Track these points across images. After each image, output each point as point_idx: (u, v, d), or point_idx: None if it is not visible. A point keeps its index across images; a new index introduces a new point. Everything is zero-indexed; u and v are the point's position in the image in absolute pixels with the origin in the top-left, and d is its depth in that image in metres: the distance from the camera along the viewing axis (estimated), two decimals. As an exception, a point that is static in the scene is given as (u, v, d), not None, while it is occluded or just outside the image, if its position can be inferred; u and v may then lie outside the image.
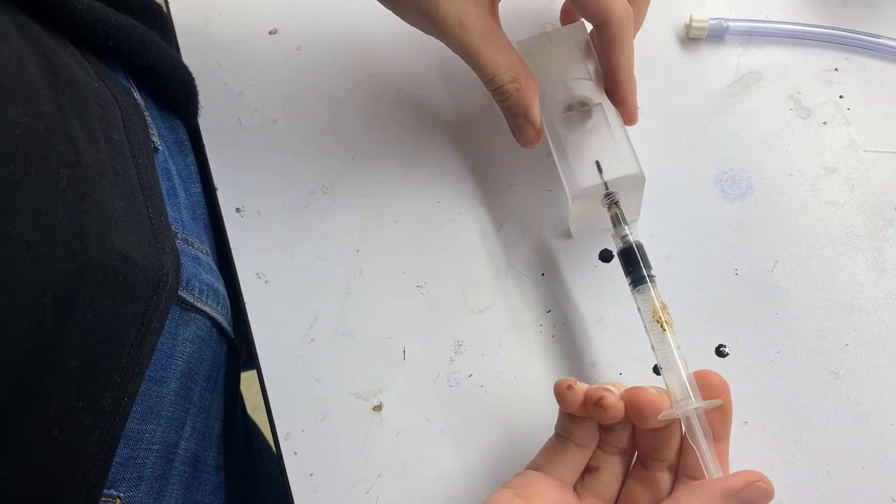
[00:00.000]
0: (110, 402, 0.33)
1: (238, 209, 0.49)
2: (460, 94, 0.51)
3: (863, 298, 0.43)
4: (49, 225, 0.30)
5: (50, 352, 0.30)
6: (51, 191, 0.30)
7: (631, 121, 0.43)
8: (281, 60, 0.53)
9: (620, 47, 0.42)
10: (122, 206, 0.35)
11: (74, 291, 0.30)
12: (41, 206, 0.29)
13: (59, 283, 0.30)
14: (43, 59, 0.34)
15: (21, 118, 0.29)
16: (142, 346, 0.34)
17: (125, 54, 0.43)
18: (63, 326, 0.30)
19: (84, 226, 0.31)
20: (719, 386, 0.36)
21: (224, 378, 0.47)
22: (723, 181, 0.46)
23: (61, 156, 0.31)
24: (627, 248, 0.40)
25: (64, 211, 0.30)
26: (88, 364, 0.31)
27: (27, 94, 0.31)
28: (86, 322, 0.31)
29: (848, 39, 0.48)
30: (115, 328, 0.33)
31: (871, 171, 0.46)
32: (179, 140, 0.50)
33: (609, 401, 0.35)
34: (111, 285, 0.32)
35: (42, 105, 0.31)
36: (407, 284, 0.46)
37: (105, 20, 0.41)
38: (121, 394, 0.33)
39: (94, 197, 0.33)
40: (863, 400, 0.41)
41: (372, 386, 0.44)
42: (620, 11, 0.41)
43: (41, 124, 0.31)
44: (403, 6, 0.43)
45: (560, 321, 0.44)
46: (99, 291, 0.32)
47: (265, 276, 0.48)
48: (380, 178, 0.49)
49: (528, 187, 0.48)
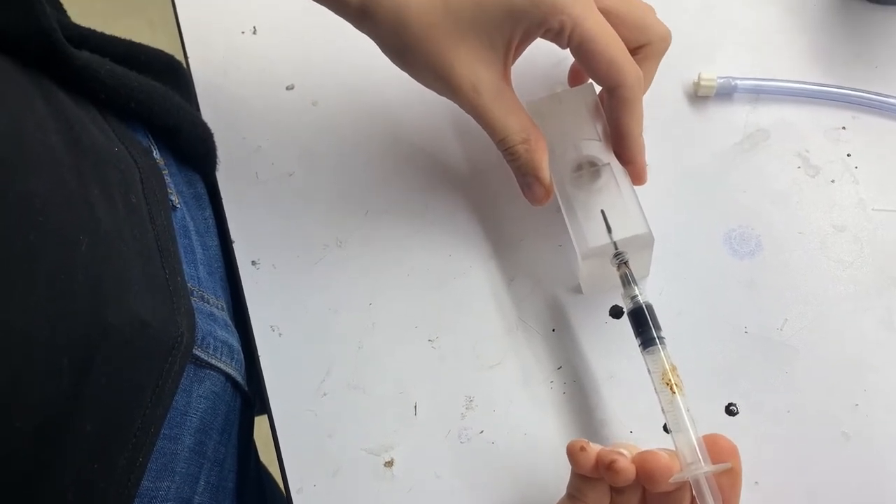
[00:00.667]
0: (125, 463, 0.33)
1: (254, 262, 0.50)
2: (472, 150, 0.52)
3: (872, 358, 0.43)
4: (67, 292, 0.30)
5: (66, 416, 0.30)
6: (70, 258, 0.31)
7: (640, 181, 0.44)
8: (297, 115, 0.54)
9: (630, 110, 0.43)
10: (138, 269, 0.36)
11: (91, 356, 0.31)
12: (60, 274, 0.30)
13: (75, 349, 0.30)
14: (65, 126, 0.35)
15: (41, 188, 0.30)
16: (157, 407, 0.35)
17: (146, 115, 0.44)
18: (79, 391, 0.30)
19: (102, 291, 0.32)
20: (729, 449, 0.37)
21: (238, 430, 0.48)
22: (732, 238, 0.47)
23: (81, 222, 0.32)
24: (637, 309, 0.40)
25: (82, 277, 0.31)
26: (104, 427, 0.32)
27: (48, 164, 0.31)
28: (101, 386, 0.31)
29: (855, 98, 0.49)
30: (131, 391, 0.33)
31: (879, 229, 0.46)
32: (198, 194, 0.51)
33: (621, 464, 0.35)
34: (127, 349, 0.33)
35: (62, 174, 0.32)
36: (419, 338, 0.47)
37: (127, 84, 0.42)
38: (136, 454, 0.34)
39: (112, 261, 0.33)
40: (875, 462, 0.41)
41: (383, 441, 0.44)
42: (631, 75, 0.42)
43: (61, 193, 0.31)
44: (418, 68, 0.44)
45: (571, 378, 0.45)
46: (115, 356, 0.32)
47: (279, 329, 0.48)
48: (393, 231, 0.50)
49: (539, 242, 0.48)
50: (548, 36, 0.42)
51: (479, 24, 0.41)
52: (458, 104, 0.44)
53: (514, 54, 0.44)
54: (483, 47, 0.42)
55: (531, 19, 0.41)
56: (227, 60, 0.57)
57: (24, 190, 0.29)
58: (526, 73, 0.51)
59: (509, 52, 0.43)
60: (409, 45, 0.42)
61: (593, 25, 0.41)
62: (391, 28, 0.42)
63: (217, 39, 0.58)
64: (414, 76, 0.45)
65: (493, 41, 0.42)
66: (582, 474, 0.37)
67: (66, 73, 0.38)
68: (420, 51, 0.42)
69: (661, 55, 0.45)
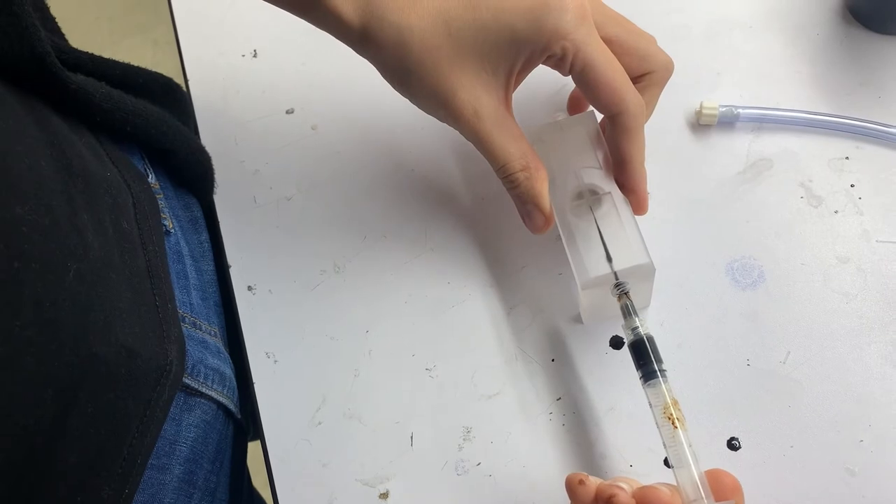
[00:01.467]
0: (111, 493, 0.33)
1: (250, 287, 0.50)
2: (472, 177, 0.51)
3: (878, 393, 0.42)
4: (53, 321, 0.30)
5: (50, 447, 0.29)
6: (56, 286, 0.30)
7: (641, 210, 0.43)
8: (297, 139, 0.54)
9: (632, 138, 0.42)
10: (127, 297, 0.35)
11: (76, 386, 0.30)
12: (45, 302, 0.29)
13: (60, 379, 0.30)
14: (57, 152, 0.34)
15: (28, 215, 0.30)
16: (144, 437, 0.34)
17: (143, 138, 0.44)
18: (64, 421, 0.30)
19: (88, 320, 0.31)
20: (732, 486, 0.36)
21: (230, 459, 0.47)
22: (734, 269, 0.46)
23: (69, 249, 0.32)
24: (638, 341, 0.40)
25: (69, 305, 0.31)
26: (89, 458, 0.31)
27: (36, 191, 0.31)
28: (87, 417, 0.31)
29: (858, 128, 0.48)
30: (117, 420, 0.33)
31: (883, 261, 0.45)
32: (194, 218, 0.50)
33: (621, 499, 0.34)
34: (113, 378, 0.32)
35: (51, 200, 0.32)
36: (416, 367, 0.46)
37: (123, 107, 0.41)
38: (122, 485, 0.33)
39: (99, 290, 0.33)
40: (880, 499, 0.40)
41: (379, 472, 0.44)
42: (633, 103, 0.41)
43: (48, 220, 0.31)
44: (419, 93, 0.43)
45: (570, 409, 0.44)
46: (100, 385, 0.32)
47: (274, 356, 0.48)
48: (391, 257, 0.50)
49: (539, 270, 0.48)
50: (550, 62, 0.42)
51: (482, 50, 0.41)
52: (459, 130, 0.44)
53: (516, 81, 0.43)
54: (485, 73, 0.42)
55: (534, 45, 0.40)
56: (226, 83, 0.57)
57: (8, 216, 0.29)
58: (527, 101, 0.50)
59: (511, 78, 0.43)
60: (411, 69, 0.41)
61: (595, 52, 0.40)
62: (393, 52, 0.41)
63: (217, 62, 0.58)
64: (414, 101, 0.44)
65: (496, 67, 0.41)
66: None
67: (61, 97, 0.37)
68: (421, 75, 0.41)
69: (663, 84, 0.45)
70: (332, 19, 0.41)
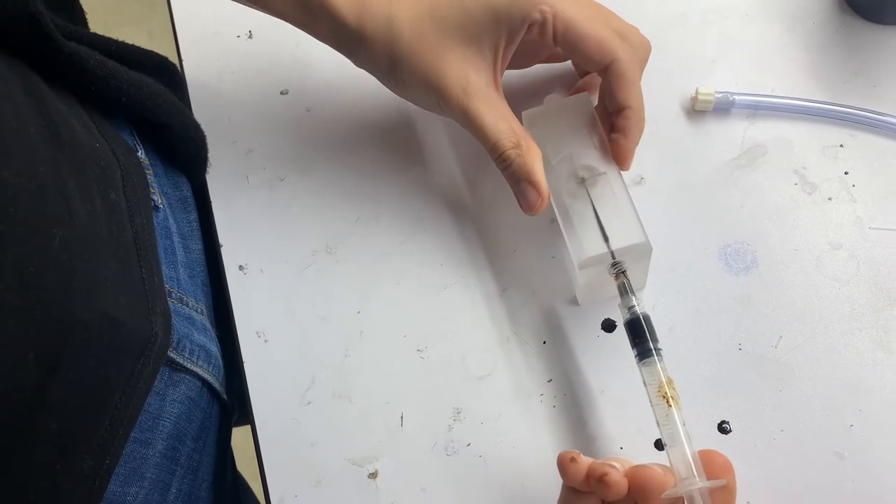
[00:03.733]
0: (91, 464, 0.32)
1: (241, 266, 0.49)
2: (466, 159, 0.51)
3: (868, 378, 0.42)
4: (36, 285, 0.29)
5: (30, 413, 0.29)
6: (41, 251, 0.30)
7: (623, 163, 0.43)
8: (291, 121, 0.54)
9: (627, 82, 0.43)
10: (113, 267, 0.35)
11: (58, 352, 0.30)
12: (29, 266, 0.29)
13: (42, 344, 0.29)
14: (45, 119, 0.34)
15: (14, 178, 0.29)
16: (126, 408, 0.34)
17: (137, 111, 0.43)
18: (45, 387, 0.30)
19: (72, 287, 0.31)
20: (723, 466, 0.36)
21: (214, 439, 0.46)
22: (727, 254, 0.46)
23: (54, 216, 0.31)
24: (634, 320, 0.40)
25: (53, 271, 0.30)
26: (70, 426, 0.31)
27: (23, 155, 0.31)
28: (68, 383, 0.31)
29: (853, 116, 0.48)
30: (100, 390, 0.33)
31: (876, 248, 0.45)
32: (183, 197, 0.50)
33: (613, 477, 0.34)
34: (96, 346, 0.32)
35: (38, 166, 0.31)
36: (407, 348, 0.46)
37: (117, 76, 0.41)
38: (102, 456, 0.33)
39: (85, 257, 0.32)
40: (868, 484, 0.40)
41: (368, 452, 0.43)
42: (623, 50, 0.43)
43: (35, 185, 0.31)
44: (411, 82, 0.44)
45: (561, 391, 0.44)
46: (83, 352, 0.31)
47: (265, 335, 0.47)
48: (384, 239, 0.49)
49: (532, 253, 0.48)
50: (533, 31, 0.43)
51: (466, 30, 0.43)
52: (450, 112, 0.44)
53: (503, 59, 0.44)
54: (471, 53, 0.43)
55: (514, 17, 0.42)
56: (221, 64, 0.56)
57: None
58: (520, 86, 0.50)
59: (497, 56, 0.44)
60: (402, 56, 0.43)
61: (574, 10, 0.42)
62: (384, 44, 0.43)
63: (212, 42, 0.57)
64: (406, 92, 0.46)
65: (481, 46, 0.43)
66: (573, 487, 0.36)
67: (54, 63, 0.37)
68: (412, 61, 0.43)
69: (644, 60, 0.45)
70: (329, 20, 0.44)
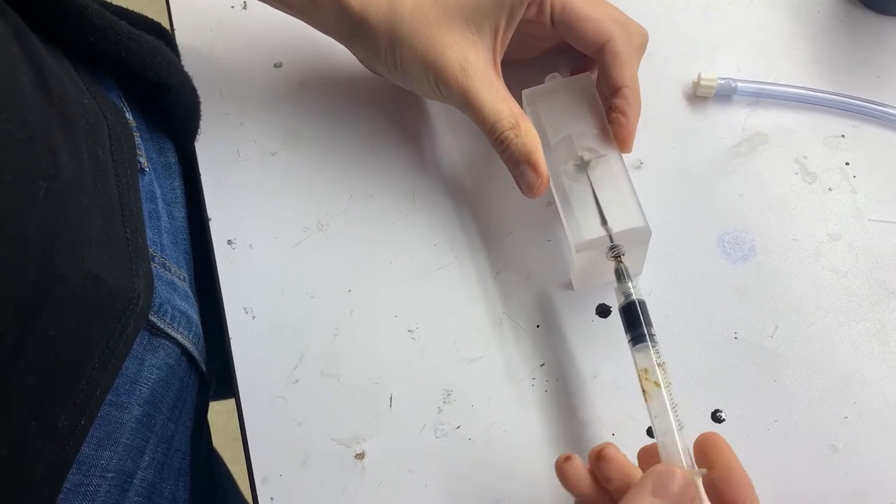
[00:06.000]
0: (66, 423, 0.32)
1: (230, 241, 0.48)
2: (463, 139, 0.50)
3: (864, 370, 0.42)
4: (18, 236, 0.29)
5: (8, 366, 0.29)
6: (26, 202, 0.29)
7: (625, 146, 0.43)
8: (284, 94, 0.53)
9: (623, 62, 0.43)
10: (98, 225, 0.34)
11: (39, 307, 0.29)
12: (14, 217, 0.29)
13: (23, 297, 0.29)
14: (36, 71, 0.33)
15: (4, 125, 0.29)
16: (104, 369, 0.33)
17: (136, 67, 0.42)
18: (24, 342, 0.29)
19: (55, 241, 0.31)
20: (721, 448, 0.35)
21: (191, 410, 0.46)
22: (725, 242, 0.46)
23: (41, 168, 0.31)
24: (630, 305, 0.39)
25: (36, 224, 0.30)
26: (47, 383, 0.30)
27: (14, 104, 0.30)
28: (48, 339, 0.30)
29: (856, 107, 0.48)
30: (78, 348, 0.32)
31: (875, 240, 0.45)
32: (168, 163, 0.49)
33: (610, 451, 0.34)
34: (78, 304, 0.31)
35: (28, 115, 0.31)
36: (398, 328, 0.45)
37: (117, 29, 0.40)
38: (78, 416, 0.32)
39: (69, 212, 0.32)
40: (862, 476, 0.39)
41: (355, 433, 0.42)
42: (620, 32, 0.43)
43: (24, 133, 0.30)
44: (410, 63, 0.44)
45: (553, 376, 0.43)
46: (64, 309, 0.31)
47: (252, 312, 0.46)
48: (376, 217, 0.48)
49: (528, 236, 0.47)
50: (531, 12, 0.43)
51: (466, 11, 0.43)
52: (448, 94, 0.44)
53: (502, 41, 0.44)
54: (471, 33, 0.43)
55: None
56: (214, 34, 0.55)
57: None
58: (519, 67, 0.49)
59: (497, 37, 0.43)
60: (402, 37, 0.43)
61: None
62: (385, 27, 0.43)
63: (206, 13, 0.56)
64: (404, 75, 0.45)
65: (480, 27, 0.43)
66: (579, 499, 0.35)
67: (49, 12, 0.36)
68: (412, 42, 0.43)
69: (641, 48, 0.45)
70: (333, 3, 0.44)
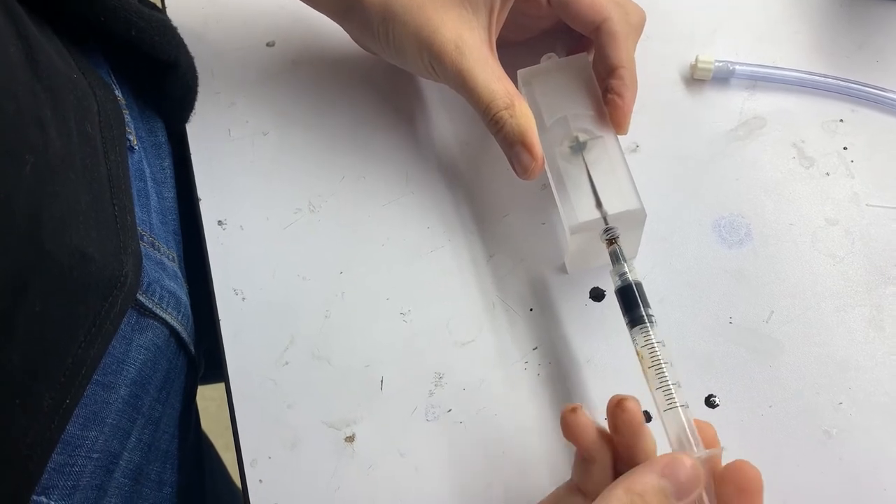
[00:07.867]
0: (51, 402, 0.31)
1: (220, 222, 0.48)
2: (456, 120, 0.50)
3: (859, 356, 0.41)
4: (5, 211, 0.28)
5: None
6: (12, 176, 0.29)
7: (621, 128, 0.42)
8: (276, 74, 0.52)
9: (619, 43, 0.42)
10: (86, 201, 0.33)
11: (26, 283, 0.29)
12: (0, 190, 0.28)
13: (9, 273, 0.28)
14: (24, 44, 0.33)
15: None
16: (91, 347, 0.33)
17: (146, 48, 0.42)
18: (9, 318, 0.28)
19: (42, 216, 0.30)
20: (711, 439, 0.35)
21: (179, 391, 0.45)
22: (721, 226, 0.45)
23: (28, 142, 0.30)
24: (626, 287, 0.39)
25: (23, 198, 0.29)
26: (32, 361, 0.30)
27: (2, 74, 0.30)
28: (34, 316, 0.29)
29: (854, 91, 0.47)
30: (64, 325, 0.31)
31: (872, 226, 0.45)
32: (158, 143, 0.48)
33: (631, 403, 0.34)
34: (65, 280, 0.31)
35: (16, 88, 0.30)
36: (390, 311, 0.45)
37: (128, 7, 0.40)
38: (63, 395, 0.32)
39: (57, 188, 0.31)
40: (856, 462, 0.39)
41: (346, 415, 0.42)
42: (617, 12, 0.42)
43: (12, 106, 0.29)
44: (404, 40, 0.43)
45: (546, 360, 0.43)
46: (51, 285, 0.30)
47: (242, 293, 0.46)
48: (369, 199, 0.48)
49: (522, 219, 0.46)
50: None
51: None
52: (443, 73, 0.43)
53: (498, 19, 0.43)
54: (466, 12, 0.42)
55: None
56: (206, 12, 0.54)
57: None
58: (514, 48, 0.49)
59: (492, 16, 0.43)
60: (397, 13, 0.43)
61: None
62: (380, 1, 0.43)
63: (197, -10, 0.55)
64: (398, 54, 0.44)
65: (475, 5, 0.42)
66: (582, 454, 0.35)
67: None
68: (406, 18, 0.42)
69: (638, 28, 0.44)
70: None
